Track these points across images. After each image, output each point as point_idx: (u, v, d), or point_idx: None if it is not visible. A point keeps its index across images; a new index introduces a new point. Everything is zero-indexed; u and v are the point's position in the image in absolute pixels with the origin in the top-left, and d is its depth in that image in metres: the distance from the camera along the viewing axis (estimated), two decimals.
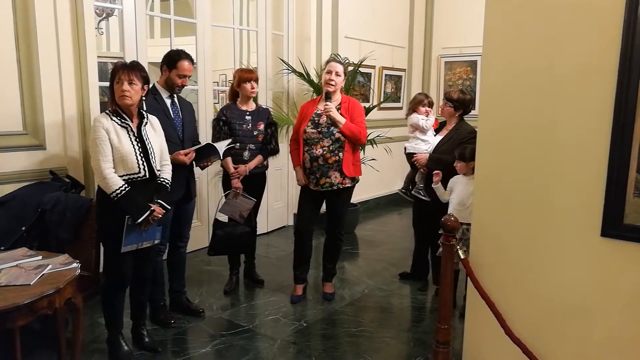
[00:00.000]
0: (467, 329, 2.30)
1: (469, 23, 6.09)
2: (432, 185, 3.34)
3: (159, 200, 2.55)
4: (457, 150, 3.16)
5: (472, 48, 6.14)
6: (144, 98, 2.55)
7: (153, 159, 2.54)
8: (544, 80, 1.95)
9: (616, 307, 1.88)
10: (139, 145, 2.50)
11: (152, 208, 2.50)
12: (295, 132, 3.41)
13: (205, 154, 3.03)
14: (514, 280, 2.10)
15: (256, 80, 3.47)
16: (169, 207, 2.64)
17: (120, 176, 2.42)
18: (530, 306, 2.07)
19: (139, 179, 2.48)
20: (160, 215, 2.55)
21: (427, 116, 3.60)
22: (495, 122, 2.10)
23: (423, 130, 3.58)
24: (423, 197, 3.52)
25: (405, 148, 3.71)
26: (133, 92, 2.44)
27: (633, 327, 1.86)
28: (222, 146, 3.06)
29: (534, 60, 1.96)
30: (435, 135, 3.58)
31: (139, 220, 2.45)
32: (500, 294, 2.10)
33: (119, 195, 2.39)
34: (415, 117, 3.60)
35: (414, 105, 3.68)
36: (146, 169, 2.50)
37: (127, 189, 2.41)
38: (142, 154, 2.49)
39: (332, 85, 3.23)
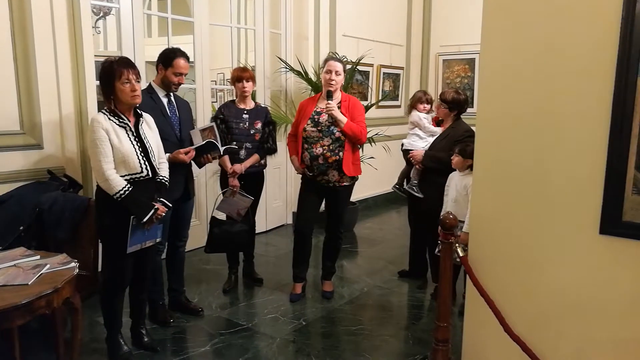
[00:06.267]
0: (467, 326, 2.30)
1: (466, 21, 6.10)
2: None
3: (160, 199, 2.54)
4: (460, 146, 3.14)
5: (470, 46, 6.13)
6: None
7: (153, 157, 2.53)
8: (541, 77, 1.94)
9: (615, 304, 1.88)
10: (139, 144, 2.48)
11: (155, 206, 2.49)
12: (294, 127, 3.40)
13: (205, 151, 3.02)
14: (513, 277, 2.10)
15: (250, 79, 3.47)
16: (170, 205, 2.63)
17: (122, 176, 2.40)
18: (530, 304, 2.07)
19: (141, 178, 2.46)
20: (164, 214, 2.55)
21: (427, 113, 3.64)
22: (493, 120, 2.09)
23: (423, 128, 3.60)
24: (416, 194, 3.52)
25: (402, 144, 3.74)
26: (140, 90, 2.44)
27: (632, 325, 1.85)
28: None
29: (532, 57, 1.95)
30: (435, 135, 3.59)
31: (145, 220, 2.43)
32: (499, 291, 2.10)
33: (123, 196, 2.37)
34: (416, 115, 3.66)
35: (414, 103, 3.74)
36: (148, 167, 2.48)
37: (130, 189, 2.39)
38: (142, 153, 2.47)
39: (333, 85, 3.22)
